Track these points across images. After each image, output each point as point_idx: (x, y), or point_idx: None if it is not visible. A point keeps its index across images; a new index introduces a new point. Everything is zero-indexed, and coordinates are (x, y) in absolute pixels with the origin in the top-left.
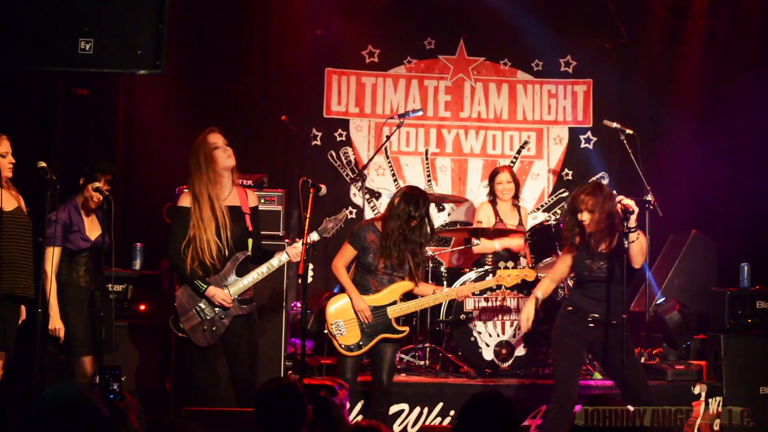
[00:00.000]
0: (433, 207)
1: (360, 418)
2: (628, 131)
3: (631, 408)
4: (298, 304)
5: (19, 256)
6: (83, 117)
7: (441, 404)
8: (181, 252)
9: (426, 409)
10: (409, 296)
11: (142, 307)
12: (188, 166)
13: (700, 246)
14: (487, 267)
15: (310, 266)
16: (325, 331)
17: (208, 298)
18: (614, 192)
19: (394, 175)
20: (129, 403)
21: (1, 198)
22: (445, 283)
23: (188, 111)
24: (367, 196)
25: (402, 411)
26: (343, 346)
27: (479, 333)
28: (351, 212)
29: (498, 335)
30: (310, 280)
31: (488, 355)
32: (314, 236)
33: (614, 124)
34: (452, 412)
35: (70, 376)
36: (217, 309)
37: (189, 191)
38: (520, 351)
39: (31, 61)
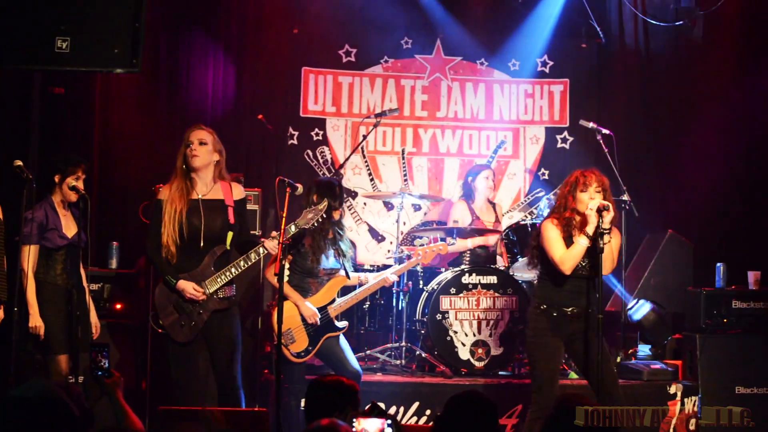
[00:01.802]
0: (409, 206)
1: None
2: (605, 131)
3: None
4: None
5: None
6: (60, 115)
7: (417, 403)
8: (156, 247)
9: (402, 409)
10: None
11: (119, 306)
12: None
13: (676, 246)
14: (463, 265)
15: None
16: (275, 342)
17: (180, 292)
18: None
19: (370, 174)
20: (117, 380)
21: None
22: (421, 282)
23: (164, 109)
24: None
25: None
26: (294, 353)
27: (455, 332)
28: None
29: (474, 335)
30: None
31: (464, 354)
32: (292, 228)
33: (590, 124)
34: (428, 412)
35: (46, 375)
36: (194, 303)
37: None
38: (496, 350)
39: (7, 60)
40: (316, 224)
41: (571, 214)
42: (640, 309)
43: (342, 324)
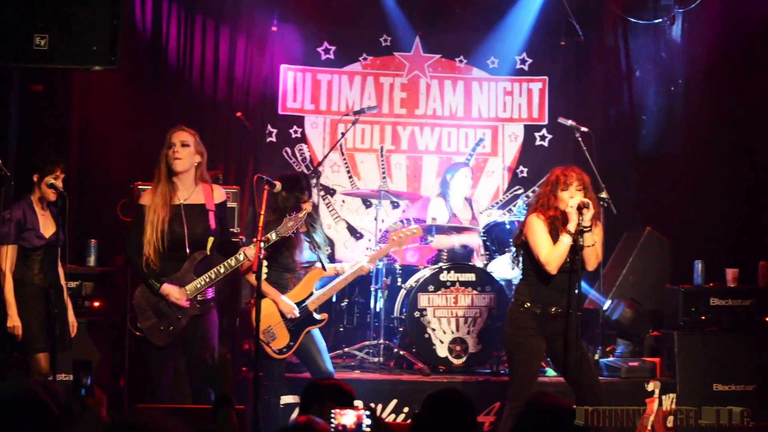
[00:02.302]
0: (387, 204)
1: None
2: (583, 129)
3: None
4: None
5: None
6: (38, 113)
7: (395, 401)
8: (137, 250)
9: (380, 406)
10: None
11: (97, 304)
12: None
13: (654, 243)
14: (441, 263)
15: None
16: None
17: (164, 296)
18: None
19: (349, 171)
20: (99, 400)
21: None
22: (399, 279)
23: (143, 107)
24: (322, 193)
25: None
26: (276, 350)
27: (433, 330)
28: None
29: (452, 332)
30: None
31: (442, 352)
32: (272, 236)
33: (569, 122)
34: (406, 409)
35: (26, 374)
36: (174, 308)
37: (150, 188)
38: (474, 348)
39: None
40: (296, 232)
41: (555, 212)
42: (616, 309)
43: (320, 317)
